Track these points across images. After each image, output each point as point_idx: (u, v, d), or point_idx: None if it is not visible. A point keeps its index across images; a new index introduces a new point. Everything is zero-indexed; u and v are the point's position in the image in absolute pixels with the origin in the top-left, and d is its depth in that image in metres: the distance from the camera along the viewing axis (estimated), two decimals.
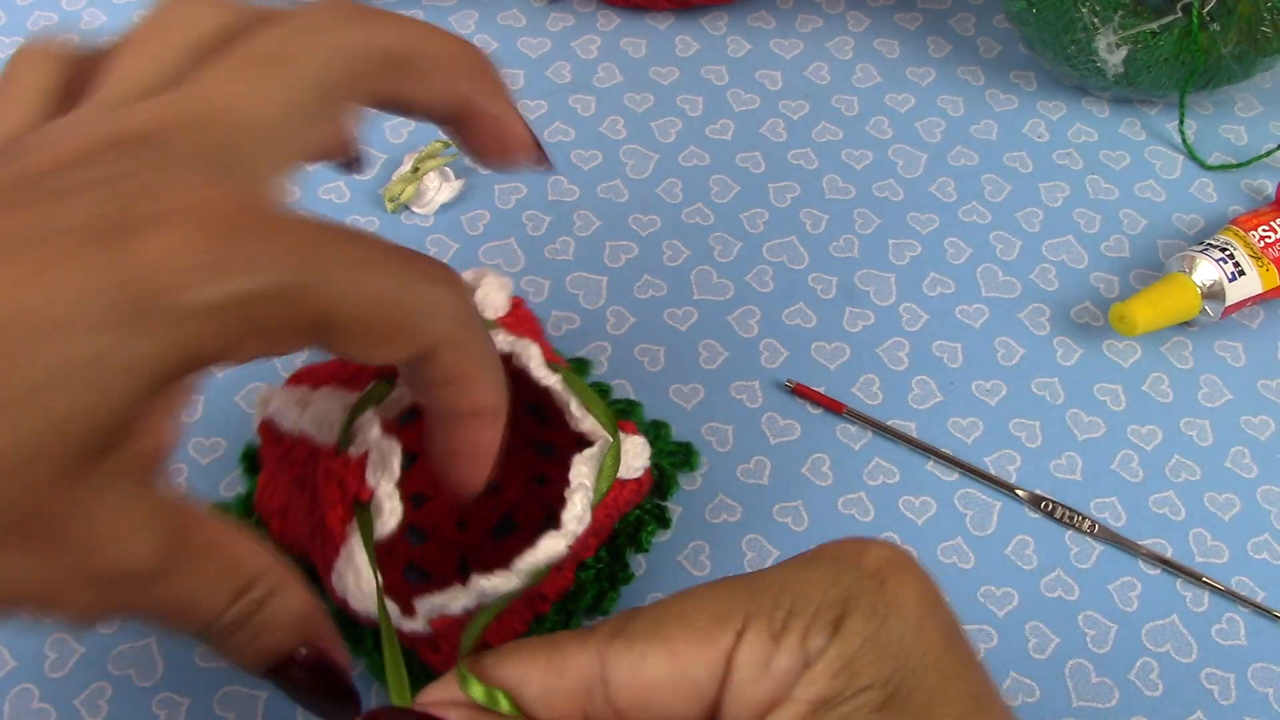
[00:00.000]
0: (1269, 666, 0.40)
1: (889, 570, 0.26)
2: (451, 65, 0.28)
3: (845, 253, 0.48)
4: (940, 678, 0.25)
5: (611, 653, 0.25)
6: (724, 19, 0.55)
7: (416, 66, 0.27)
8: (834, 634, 0.24)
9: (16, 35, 0.52)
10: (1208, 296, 0.45)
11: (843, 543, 0.27)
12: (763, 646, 0.24)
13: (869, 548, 0.27)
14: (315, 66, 0.25)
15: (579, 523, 0.33)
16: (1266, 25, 0.48)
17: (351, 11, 0.26)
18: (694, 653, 0.25)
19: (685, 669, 0.25)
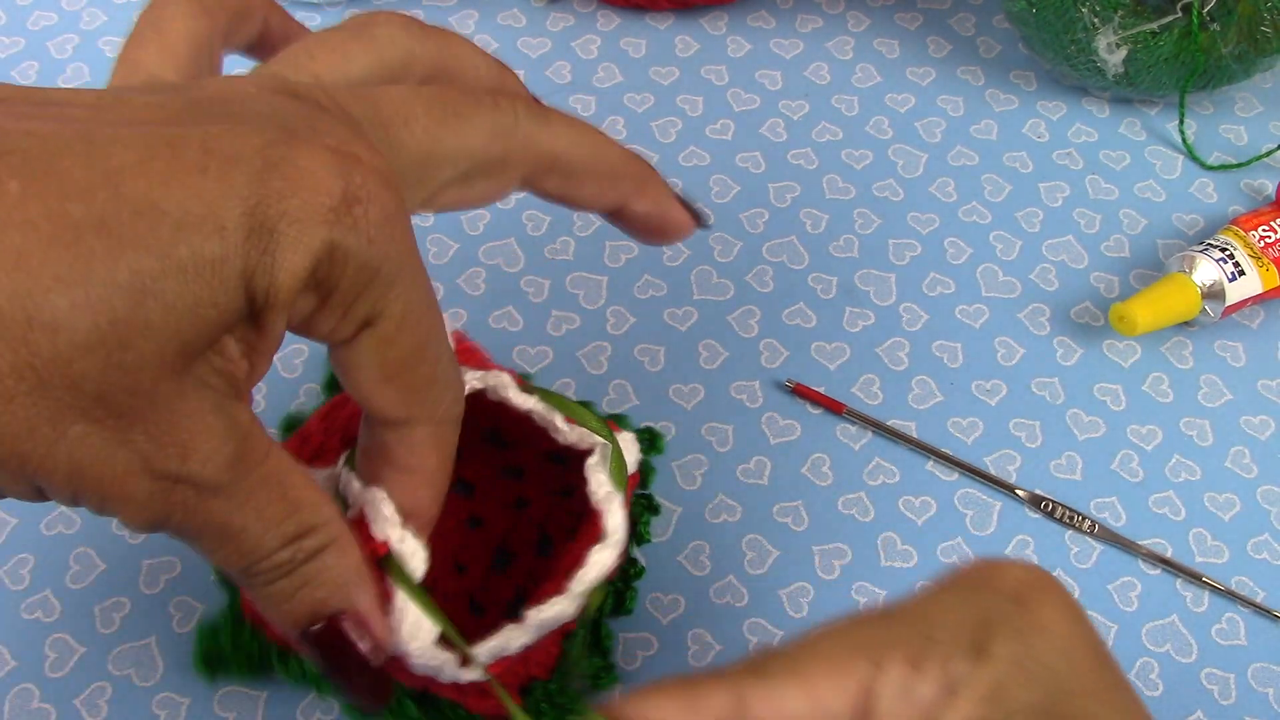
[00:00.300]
0: (1269, 666, 0.40)
1: (1028, 591, 0.25)
2: (607, 173, 0.31)
3: (845, 253, 0.48)
4: (1094, 701, 0.24)
5: (749, 691, 0.25)
6: (724, 19, 0.55)
7: (577, 171, 0.30)
8: (977, 659, 0.24)
9: (17, 35, 0.52)
10: (1208, 296, 0.45)
11: (976, 565, 0.27)
12: (903, 676, 0.24)
13: (1004, 569, 0.26)
14: (491, 141, 0.27)
15: (621, 529, 0.32)
16: (1266, 25, 0.48)
17: (538, 112, 0.29)
18: (832, 687, 0.24)
19: (825, 703, 0.24)
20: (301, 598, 0.26)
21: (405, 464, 0.28)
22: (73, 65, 0.52)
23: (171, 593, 0.40)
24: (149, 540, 0.41)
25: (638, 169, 0.31)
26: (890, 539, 0.42)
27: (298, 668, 0.34)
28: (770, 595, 0.41)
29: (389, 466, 0.28)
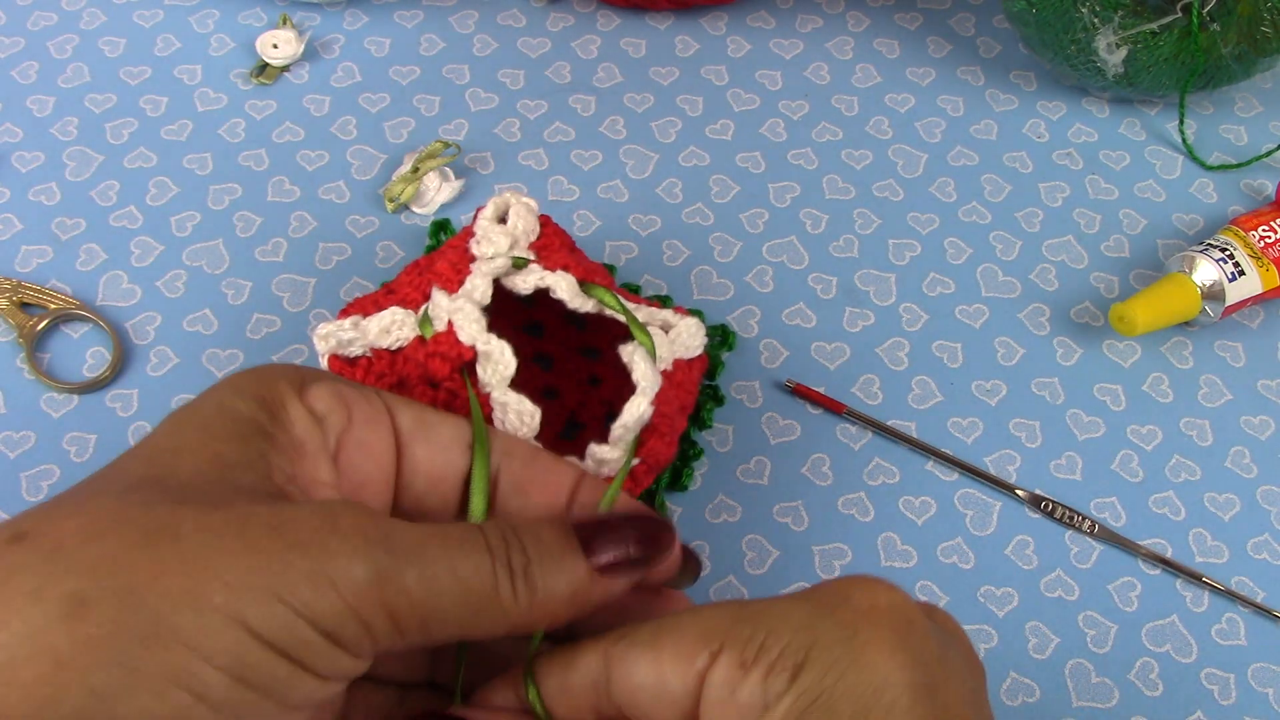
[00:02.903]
0: (1269, 666, 0.40)
1: (865, 621, 0.25)
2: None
3: (845, 253, 0.48)
4: None
5: (613, 654, 0.27)
6: (724, 19, 0.55)
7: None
8: (793, 679, 0.25)
9: (17, 35, 0.52)
10: (1208, 296, 0.45)
11: (834, 582, 0.27)
12: (731, 674, 0.25)
13: (858, 592, 0.26)
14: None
15: (647, 380, 0.34)
16: (1266, 25, 0.48)
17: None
18: (674, 666, 0.26)
19: (665, 680, 0.26)
20: (558, 559, 0.27)
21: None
22: (73, 65, 0.52)
23: None
24: None
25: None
26: (890, 539, 0.42)
27: None
28: (770, 595, 0.41)
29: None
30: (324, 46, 0.53)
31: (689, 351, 0.37)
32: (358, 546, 0.24)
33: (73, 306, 0.45)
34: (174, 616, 0.23)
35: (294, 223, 0.48)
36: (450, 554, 0.26)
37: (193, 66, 0.52)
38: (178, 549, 0.23)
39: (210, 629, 0.23)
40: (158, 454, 0.26)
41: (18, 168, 0.49)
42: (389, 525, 0.25)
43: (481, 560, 0.26)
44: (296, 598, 0.23)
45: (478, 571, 0.26)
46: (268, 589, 0.23)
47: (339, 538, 0.24)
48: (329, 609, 0.24)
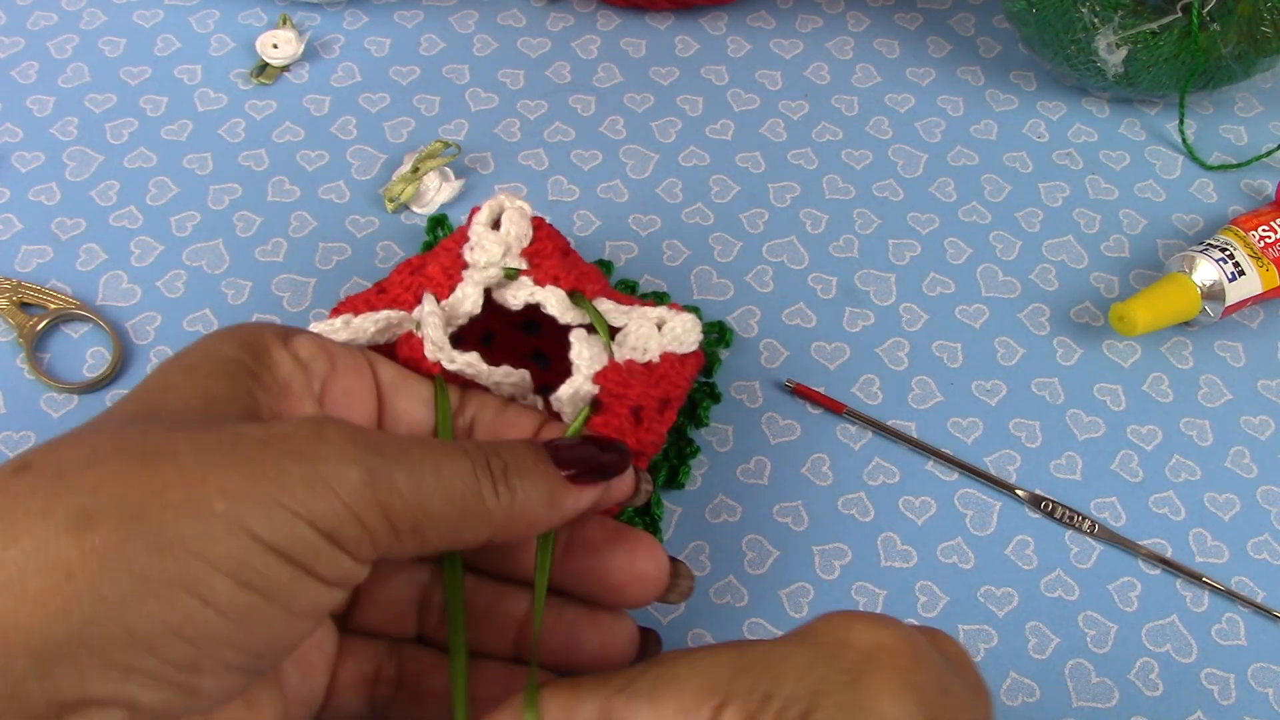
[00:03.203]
0: (1269, 666, 0.40)
1: (868, 664, 0.25)
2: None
3: (845, 253, 0.48)
4: None
5: (612, 706, 0.27)
6: (724, 19, 0.55)
7: None
8: None
9: (17, 35, 0.52)
10: (1208, 296, 0.45)
11: (832, 621, 0.27)
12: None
13: (857, 631, 0.26)
14: None
15: (583, 359, 0.35)
16: (1266, 25, 0.48)
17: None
18: (685, 710, 0.26)
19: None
20: (537, 462, 0.29)
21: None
22: (73, 65, 0.52)
23: None
24: None
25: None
26: (890, 539, 0.42)
27: None
28: (770, 595, 0.41)
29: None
30: (324, 46, 0.53)
31: (682, 346, 0.37)
32: (347, 451, 0.26)
33: (73, 306, 0.45)
34: (178, 525, 0.23)
35: (294, 223, 0.48)
36: (435, 458, 0.27)
37: (193, 66, 0.52)
38: (176, 465, 0.24)
39: (214, 536, 0.24)
40: (147, 394, 0.28)
41: (18, 168, 0.49)
42: (374, 433, 0.27)
43: (463, 464, 0.27)
44: (295, 501, 0.24)
45: (461, 474, 0.27)
46: (266, 495, 0.24)
47: (329, 444, 0.26)
48: (327, 510, 0.25)
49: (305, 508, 0.25)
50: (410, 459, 0.26)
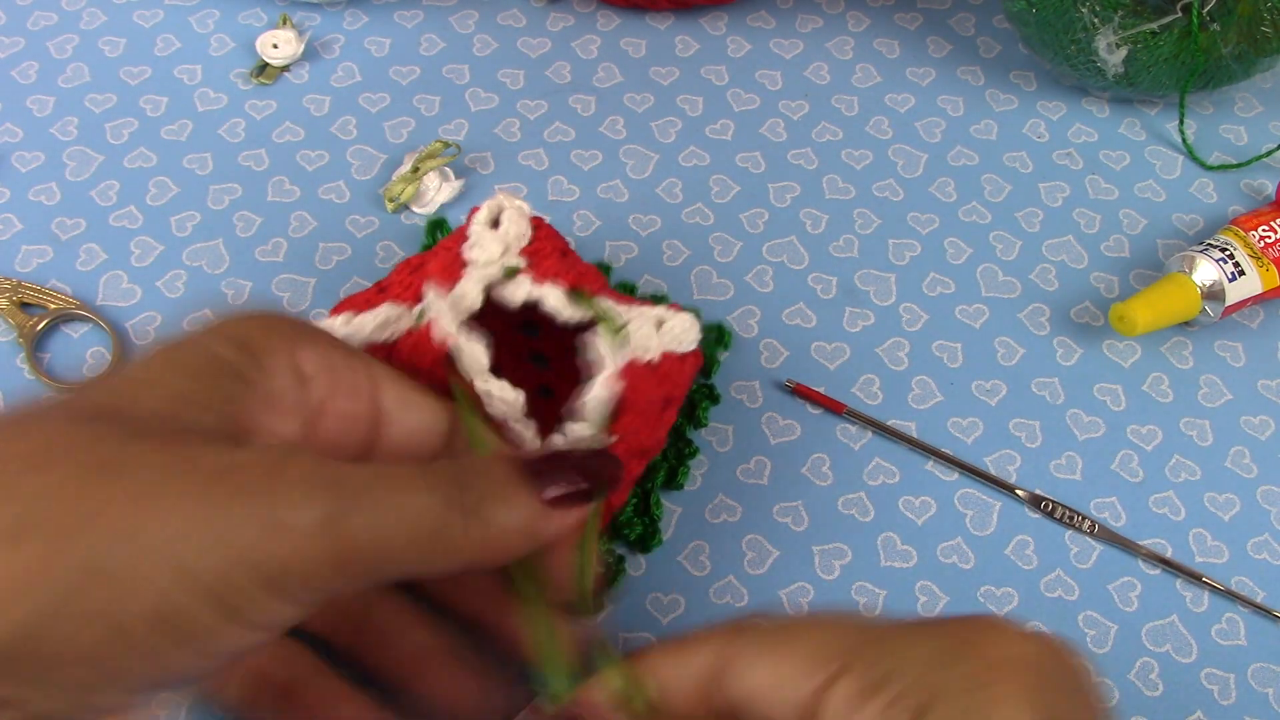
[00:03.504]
0: (1269, 666, 0.40)
1: (1001, 675, 0.24)
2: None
3: (845, 253, 0.48)
4: None
5: (730, 651, 0.26)
6: (724, 19, 0.55)
7: None
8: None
9: (17, 36, 0.52)
10: (1208, 296, 0.45)
11: (969, 621, 0.26)
12: (850, 699, 0.25)
13: (999, 639, 0.25)
14: None
15: (611, 360, 0.35)
16: (1266, 25, 0.48)
17: None
18: (794, 675, 0.25)
19: (785, 690, 0.25)
20: (503, 495, 0.27)
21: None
22: (73, 65, 0.52)
23: None
24: None
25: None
26: (890, 539, 0.42)
27: None
28: (770, 595, 0.41)
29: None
30: (324, 46, 0.53)
31: (680, 346, 0.38)
32: (305, 492, 0.24)
33: (73, 306, 0.45)
34: (107, 552, 0.23)
35: (294, 223, 0.48)
36: (398, 494, 0.25)
37: (193, 66, 0.52)
38: (122, 484, 0.23)
39: (142, 570, 0.23)
40: (122, 385, 0.26)
41: (18, 168, 0.49)
42: (337, 469, 0.25)
43: (430, 500, 0.26)
44: (241, 542, 0.23)
45: (427, 509, 0.26)
46: (210, 532, 0.23)
47: (288, 483, 0.24)
48: (273, 555, 0.24)
49: (250, 550, 0.23)
50: (372, 498, 0.25)
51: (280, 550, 0.24)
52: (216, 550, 0.23)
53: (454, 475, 0.27)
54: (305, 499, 0.24)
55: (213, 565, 0.23)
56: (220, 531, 0.23)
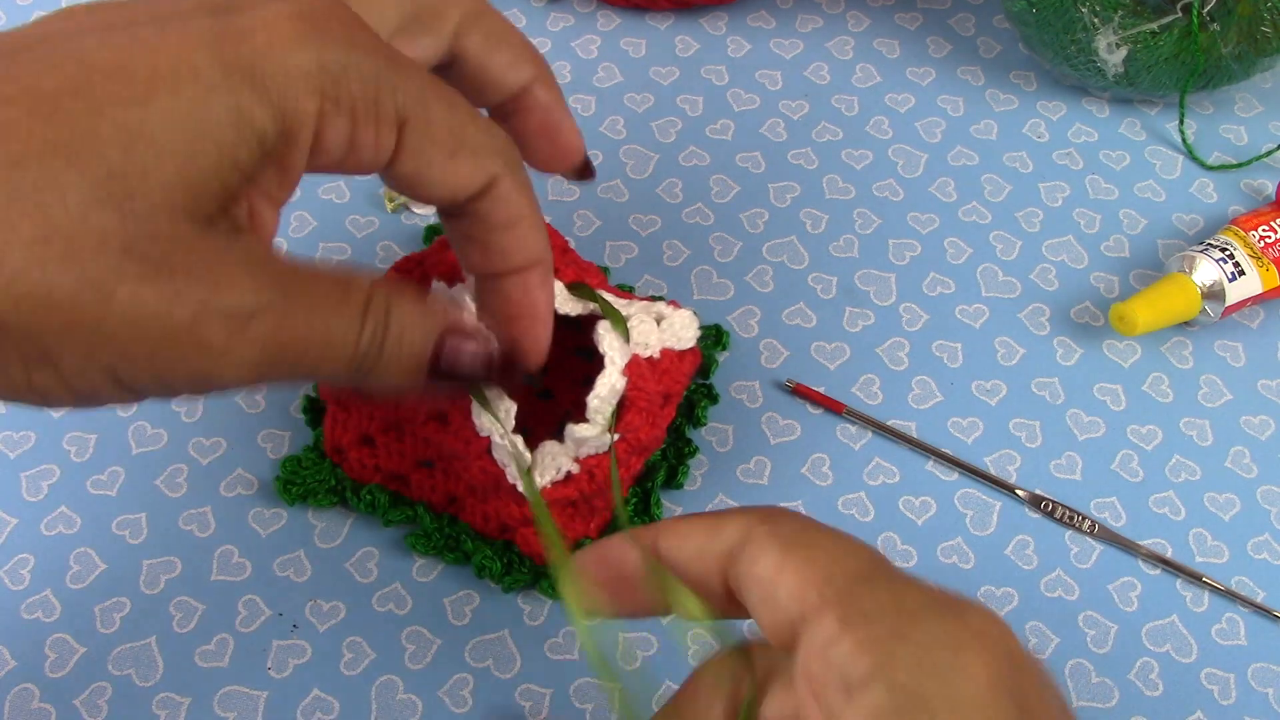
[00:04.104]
0: (1269, 666, 0.40)
1: (978, 645, 0.24)
2: (522, 46, 0.32)
3: (845, 253, 0.48)
4: None
5: (754, 532, 0.26)
6: (724, 19, 0.55)
7: (499, 32, 0.31)
8: (875, 671, 0.23)
9: None
10: (1208, 296, 0.45)
11: (964, 600, 0.26)
12: (834, 630, 0.24)
13: (983, 616, 0.25)
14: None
15: (618, 350, 0.35)
16: (1266, 25, 0.48)
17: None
18: (795, 584, 0.25)
19: (779, 591, 0.25)
20: (407, 354, 0.28)
21: (505, 217, 0.30)
22: None
23: (171, 593, 0.40)
24: (149, 540, 0.41)
25: (546, 63, 0.33)
26: (890, 539, 0.42)
27: (368, 498, 0.40)
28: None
29: (491, 230, 0.30)
30: None
31: (680, 342, 0.38)
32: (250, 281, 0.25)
33: None
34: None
35: (294, 223, 0.48)
36: (324, 314, 0.26)
37: None
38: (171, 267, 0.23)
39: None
40: (131, 166, 0.23)
41: None
42: (283, 266, 0.26)
43: (349, 331, 0.26)
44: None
45: (343, 342, 0.26)
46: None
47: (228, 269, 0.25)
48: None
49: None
50: (304, 305, 0.26)
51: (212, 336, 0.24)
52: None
53: (373, 327, 0.27)
54: (250, 287, 0.24)
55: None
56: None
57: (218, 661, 0.39)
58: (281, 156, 0.25)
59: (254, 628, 0.39)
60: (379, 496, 0.40)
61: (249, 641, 0.39)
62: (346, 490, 0.40)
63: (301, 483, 0.40)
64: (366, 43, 0.26)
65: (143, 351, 0.24)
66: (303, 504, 0.41)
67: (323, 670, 0.38)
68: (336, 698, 0.38)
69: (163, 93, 0.23)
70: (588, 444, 0.36)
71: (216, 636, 0.39)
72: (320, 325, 0.26)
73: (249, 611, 0.39)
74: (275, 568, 0.40)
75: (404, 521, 0.40)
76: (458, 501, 0.39)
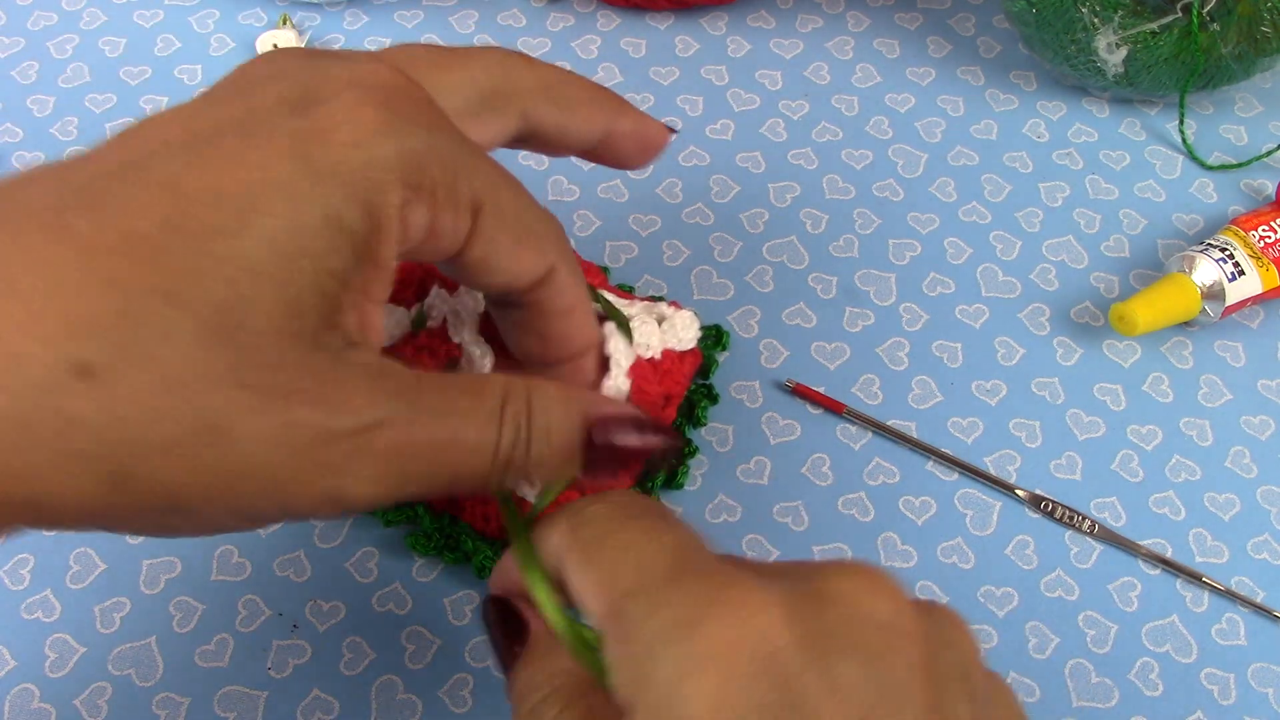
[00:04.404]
0: (1269, 666, 0.40)
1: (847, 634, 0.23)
2: (594, 97, 0.33)
3: (845, 253, 0.48)
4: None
5: (566, 546, 0.26)
6: (724, 19, 0.55)
7: (570, 98, 0.32)
8: (637, 704, 0.23)
9: (17, 36, 0.52)
10: (1208, 296, 0.45)
11: (828, 566, 0.25)
12: (611, 650, 0.24)
13: (848, 584, 0.24)
14: (490, 72, 0.30)
15: (619, 354, 0.35)
16: (1266, 25, 0.48)
17: (528, 58, 0.32)
18: (592, 595, 0.25)
19: (588, 602, 0.25)
20: (557, 448, 0.27)
21: (563, 306, 0.30)
22: (73, 65, 0.52)
23: (171, 593, 0.40)
24: (149, 540, 0.41)
25: (613, 95, 0.34)
26: (890, 539, 0.42)
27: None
28: None
29: (547, 319, 0.30)
30: (324, 46, 0.53)
31: (681, 343, 0.38)
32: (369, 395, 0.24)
33: None
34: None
35: None
36: (458, 421, 0.25)
37: (193, 66, 0.52)
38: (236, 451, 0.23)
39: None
40: (238, 276, 0.23)
41: (18, 168, 0.49)
42: (406, 377, 0.25)
43: (483, 440, 0.26)
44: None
45: (477, 451, 0.26)
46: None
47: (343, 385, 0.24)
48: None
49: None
50: (434, 415, 0.25)
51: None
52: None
53: (514, 429, 0.26)
54: (369, 401, 0.24)
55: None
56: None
57: (218, 661, 0.39)
58: (373, 252, 0.25)
59: (254, 628, 0.39)
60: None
61: (249, 641, 0.39)
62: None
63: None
64: (443, 126, 0.26)
65: (266, 483, 0.23)
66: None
67: (323, 670, 0.38)
68: (336, 698, 0.38)
69: (257, 214, 0.23)
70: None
71: (216, 636, 0.39)
72: (451, 431, 0.25)
73: (249, 611, 0.39)
74: (275, 568, 0.40)
75: (404, 522, 0.40)
76: (457, 501, 0.39)
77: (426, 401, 0.25)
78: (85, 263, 0.22)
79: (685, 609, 0.23)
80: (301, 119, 0.24)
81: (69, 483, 0.22)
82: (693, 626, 0.22)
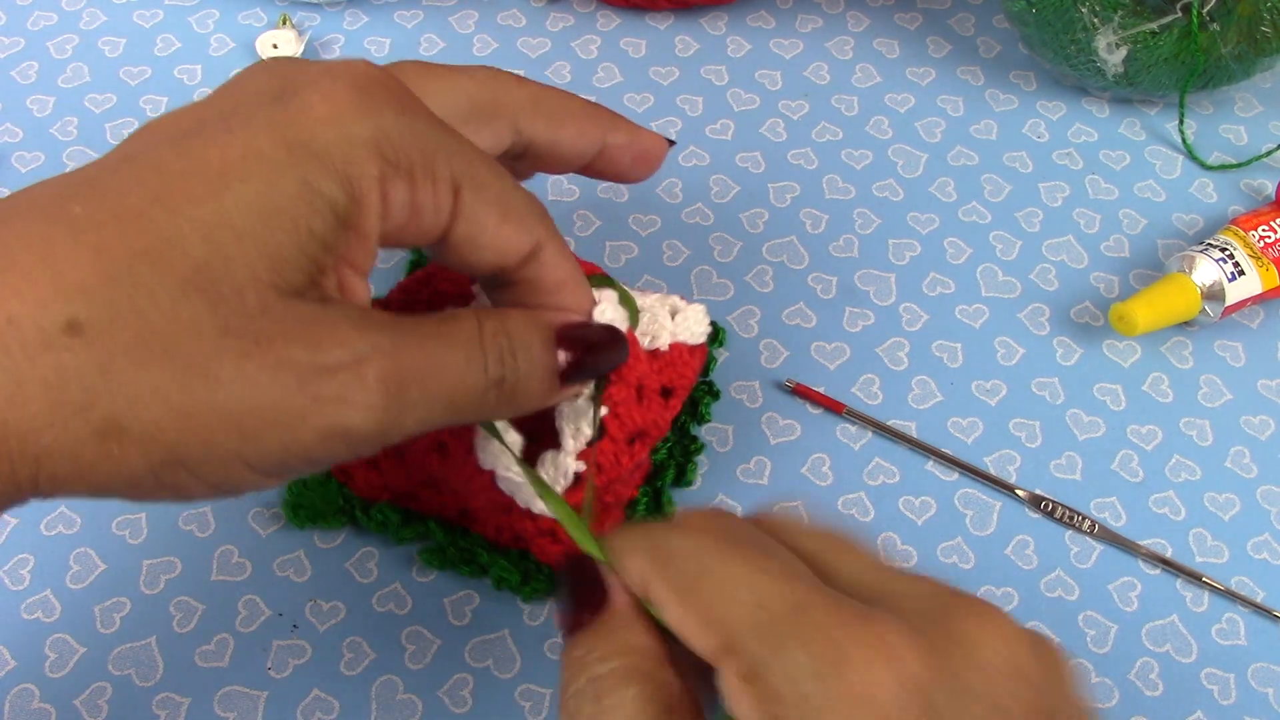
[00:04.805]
0: (1269, 666, 0.40)
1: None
2: (585, 112, 0.34)
3: (845, 253, 0.48)
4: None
5: (651, 584, 0.27)
6: (724, 19, 0.55)
7: (559, 112, 0.33)
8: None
9: (17, 35, 0.52)
10: (1208, 296, 0.45)
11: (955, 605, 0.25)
12: (735, 685, 0.24)
13: (973, 622, 0.24)
14: (482, 86, 0.32)
15: (615, 317, 0.35)
16: (1266, 25, 0.48)
17: (517, 76, 0.33)
18: (696, 635, 0.25)
19: (695, 640, 0.25)
20: (540, 365, 0.29)
21: (554, 280, 0.31)
22: (73, 65, 0.52)
23: (171, 593, 0.40)
24: (149, 540, 0.41)
25: (606, 110, 0.35)
26: (890, 539, 0.42)
27: (379, 517, 0.40)
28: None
29: (540, 294, 0.31)
30: (324, 46, 0.53)
31: (692, 337, 0.38)
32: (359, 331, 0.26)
33: None
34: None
35: None
36: (444, 350, 0.27)
37: (193, 67, 0.52)
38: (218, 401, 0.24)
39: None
40: (218, 234, 0.24)
41: (18, 168, 0.49)
42: (387, 318, 0.27)
43: (470, 366, 0.28)
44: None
45: (466, 377, 0.27)
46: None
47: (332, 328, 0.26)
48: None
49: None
50: (421, 347, 0.27)
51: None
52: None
53: (498, 350, 0.28)
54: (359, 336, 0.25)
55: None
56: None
57: (218, 661, 0.39)
58: (356, 222, 0.26)
59: (254, 628, 0.39)
60: (390, 515, 0.40)
61: (249, 641, 0.39)
62: (356, 509, 0.40)
63: (309, 505, 0.40)
64: (420, 111, 0.27)
65: (263, 424, 0.24)
66: (312, 526, 0.40)
67: (323, 670, 0.38)
68: (336, 698, 0.38)
69: (234, 182, 0.24)
70: (578, 418, 0.35)
71: (216, 636, 0.39)
72: (437, 356, 0.27)
73: (249, 611, 0.39)
74: (275, 568, 0.40)
75: (416, 538, 0.40)
76: (469, 514, 0.39)
77: (408, 331, 0.26)
78: (77, 236, 0.23)
79: (826, 646, 0.23)
80: (280, 108, 0.25)
81: (64, 436, 0.23)
82: (839, 665, 0.23)
